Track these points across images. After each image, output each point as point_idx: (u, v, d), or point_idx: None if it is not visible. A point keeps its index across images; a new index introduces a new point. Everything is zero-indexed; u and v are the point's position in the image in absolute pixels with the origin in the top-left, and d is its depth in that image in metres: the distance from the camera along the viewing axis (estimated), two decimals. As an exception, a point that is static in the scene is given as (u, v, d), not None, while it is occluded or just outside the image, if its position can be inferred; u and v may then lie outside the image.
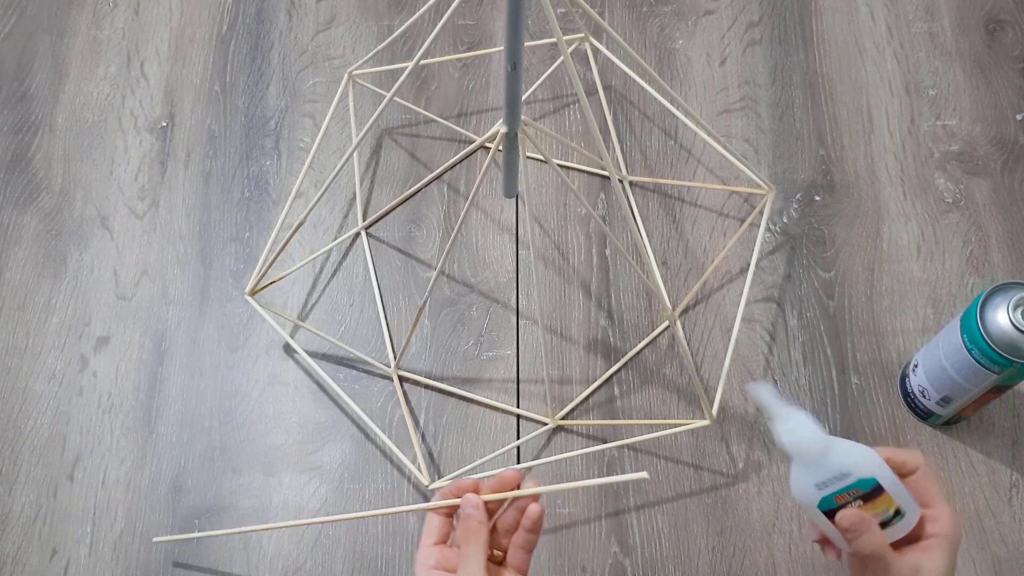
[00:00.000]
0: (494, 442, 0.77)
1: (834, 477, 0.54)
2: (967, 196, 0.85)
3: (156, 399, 0.79)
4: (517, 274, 0.83)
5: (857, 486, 0.54)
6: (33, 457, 0.77)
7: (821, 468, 0.54)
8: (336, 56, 0.94)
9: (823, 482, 0.54)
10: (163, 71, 0.93)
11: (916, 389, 0.74)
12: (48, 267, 0.85)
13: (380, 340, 0.81)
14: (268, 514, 0.75)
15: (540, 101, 0.91)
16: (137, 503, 0.76)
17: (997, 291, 0.66)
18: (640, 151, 0.88)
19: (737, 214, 0.85)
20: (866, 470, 0.54)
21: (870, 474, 0.54)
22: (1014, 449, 0.75)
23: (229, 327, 0.82)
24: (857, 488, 0.54)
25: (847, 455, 0.54)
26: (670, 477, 0.75)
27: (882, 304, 0.81)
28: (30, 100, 0.92)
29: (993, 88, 0.90)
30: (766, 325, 0.80)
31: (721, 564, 0.72)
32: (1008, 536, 0.72)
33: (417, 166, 0.88)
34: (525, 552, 0.57)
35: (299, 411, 0.79)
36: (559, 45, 0.54)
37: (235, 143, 0.90)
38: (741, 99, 0.90)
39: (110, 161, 0.89)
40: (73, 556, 0.74)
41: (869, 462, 0.54)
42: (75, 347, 0.81)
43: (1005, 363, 0.65)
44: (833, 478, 0.54)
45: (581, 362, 0.80)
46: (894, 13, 0.94)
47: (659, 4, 0.95)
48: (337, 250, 0.85)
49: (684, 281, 0.83)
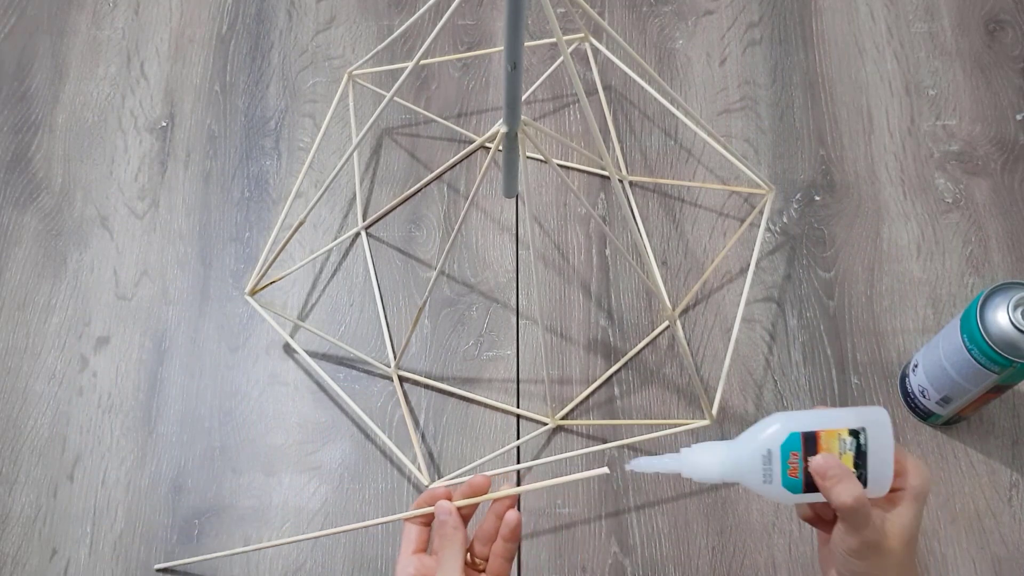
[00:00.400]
0: (494, 442, 0.77)
1: (763, 461, 0.54)
2: (967, 196, 0.85)
3: (156, 399, 0.79)
4: (517, 274, 0.83)
5: (789, 451, 0.54)
6: (33, 457, 0.77)
7: (751, 464, 0.54)
8: (336, 56, 0.94)
9: (763, 472, 0.54)
10: (163, 71, 0.93)
11: (916, 389, 0.74)
12: (48, 267, 0.85)
13: (380, 340, 0.81)
14: (268, 514, 0.75)
15: (540, 101, 0.91)
16: (137, 503, 0.76)
17: (997, 291, 0.66)
18: (640, 151, 0.88)
19: (737, 214, 0.85)
20: (776, 436, 0.54)
21: (786, 434, 0.54)
22: (1014, 449, 0.75)
23: (229, 327, 0.82)
24: (793, 453, 0.54)
25: (753, 437, 0.55)
26: (670, 477, 0.75)
27: (882, 304, 0.81)
28: (30, 100, 0.92)
29: (993, 88, 0.90)
30: (766, 325, 0.80)
31: (721, 564, 0.72)
32: (1008, 536, 0.72)
33: (417, 166, 0.88)
34: (505, 561, 0.57)
35: (299, 411, 0.79)
36: (559, 45, 0.54)
37: (235, 143, 0.90)
38: (741, 99, 0.90)
39: (110, 161, 0.89)
40: (73, 556, 0.74)
41: (776, 427, 0.54)
42: (75, 347, 0.81)
43: (1005, 363, 0.65)
44: (763, 463, 0.54)
45: (581, 362, 0.80)
46: (894, 13, 0.94)
47: (659, 4, 0.95)
48: (337, 250, 0.85)
49: (684, 281, 0.83)
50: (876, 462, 0.54)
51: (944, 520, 0.73)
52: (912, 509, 0.54)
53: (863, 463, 0.54)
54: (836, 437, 0.54)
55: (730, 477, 0.55)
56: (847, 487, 0.52)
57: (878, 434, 0.54)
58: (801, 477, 0.54)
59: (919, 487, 0.54)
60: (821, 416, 0.55)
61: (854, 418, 0.54)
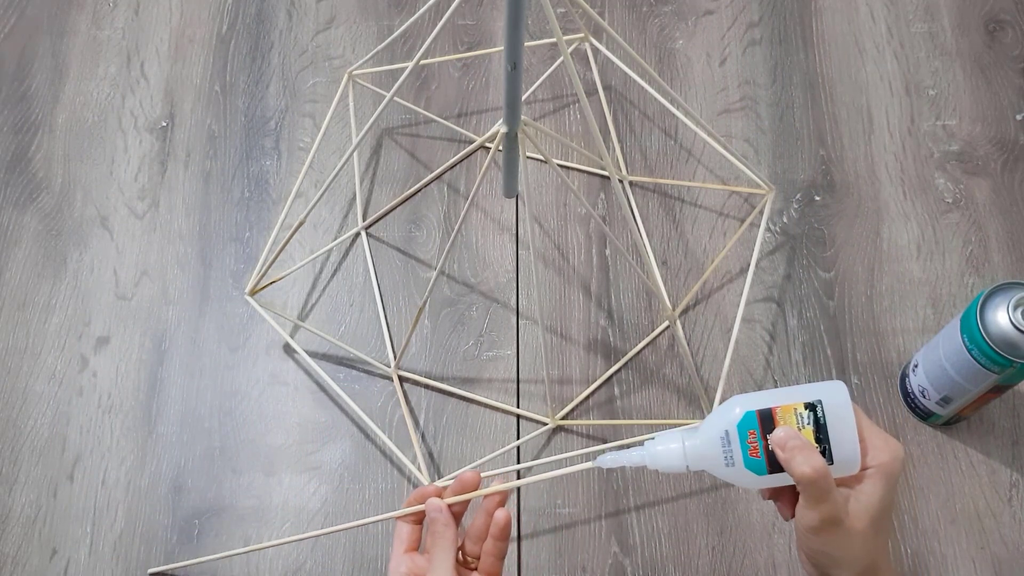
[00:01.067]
0: (494, 442, 0.77)
1: (723, 443, 0.53)
2: (967, 196, 0.85)
3: (156, 399, 0.79)
4: (517, 274, 0.83)
5: (747, 430, 0.53)
6: (33, 457, 0.77)
7: (712, 448, 0.54)
8: (336, 56, 0.94)
9: (724, 455, 0.54)
10: (163, 71, 0.93)
11: (916, 389, 0.74)
12: (48, 267, 0.85)
13: (380, 340, 0.81)
14: (268, 514, 0.75)
15: (540, 101, 0.91)
16: (137, 503, 0.76)
17: (997, 291, 0.66)
18: (640, 151, 0.88)
19: (737, 214, 0.85)
20: (733, 416, 0.53)
21: (742, 414, 0.53)
22: (1014, 449, 0.75)
23: (229, 327, 0.82)
24: (751, 432, 0.53)
25: (712, 423, 0.54)
26: (670, 477, 0.75)
27: (882, 304, 0.81)
28: (30, 100, 0.92)
29: (993, 88, 0.90)
30: (766, 325, 0.80)
31: (721, 564, 0.72)
32: (1008, 536, 0.72)
33: (417, 166, 0.88)
34: (497, 559, 0.57)
35: (299, 411, 0.79)
36: (559, 45, 0.54)
37: (235, 143, 0.90)
38: (741, 99, 0.90)
39: (110, 161, 0.89)
40: (73, 556, 0.74)
41: (730, 408, 0.54)
42: (75, 347, 0.81)
43: (1005, 363, 0.65)
44: (723, 445, 0.53)
45: (581, 362, 0.80)
46: (894, 13, 0.94)
47: (659, 4, 0.95)
48: (337, 250, 0.85)
49: (684, 281, 0.83)
50: (838, 436, 0.52)
51: (944, 520, 0.73)
52: (878, 486, 0.52)
53: (824, 437, 0.52)
54: (792, 412, 0.53)
55: (695, 465, 0.54)
56: (806, 457, 0.51)
57: (836, 406, 0.53)
58: (763, 457, 0.53)
59: (887, 464, 0.53)
60: (777, 394, 0.54)
61: (810, 392, 0.53)
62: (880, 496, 0.52)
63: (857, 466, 0.53)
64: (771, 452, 0.53)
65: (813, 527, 0.52)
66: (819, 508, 0.51)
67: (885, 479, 0.52)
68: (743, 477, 0.54)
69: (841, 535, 0.52)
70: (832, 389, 0.53)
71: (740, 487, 0.55)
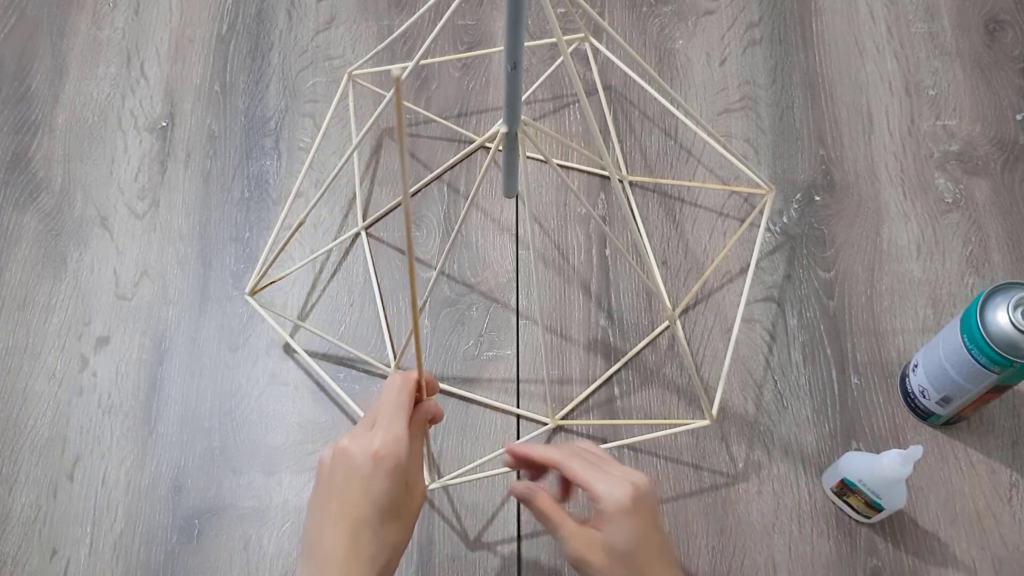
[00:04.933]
0: (494, 442, 0.77)
1: None
2: (967, 196, 0.85)
3: (156, 399, 0.79)
4: (517, 274, 0.83)
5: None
6: (33, 457, 0.77)
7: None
8: (336, 56, 0.94)
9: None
10: (163, 71, 0.93)
11: (916, 389, 0.74)
12: (48, 267, 0.85)
13: (380, 340, 0.81)
14: (268, 514, 0.75)
15: (540, 101, 0.91)
16: (137, 503, 0.76)
17: (997, 291, 0.66)
18: (640, 151, 0.88)
19: (737, 214, 0.85)
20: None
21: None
22: (1014, 449, 0.75)
23: (229, 327, 0.82)
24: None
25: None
26: (670, 477, 0.75)
27: (882, 304, 0.81)
28: (30, 100, 0.92)
29: (993, 88, 0.90)
30: (766, 325, 0.80)
31: (721, 564, 0.72)
32: (1008, 536, 0.72)
33: (417, 166, 0.88)
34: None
35: (299, 411, 0.79)
36: (559, 45, 0.54)
37: (235, 143, 0.90)
38: (741, 99, 0.90)
39: (110, 161, 0.89)
40: (73, 556, 0.74)
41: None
42: (75, 347, 0.81)
43: (1005, 363, 0.65)
44: None
45: (581, 362, 0.80)
46: (894, 13, 0.94)
47: (659, 4, 0.95)
48: (337, 250, 0.85)
49: (684, 281, 0.83)
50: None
51: (944, 520, 0.73)
52: (612, 527, 0.57)
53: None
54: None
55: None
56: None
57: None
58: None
59: (611, 506, 0.57)
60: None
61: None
62: (618, 535, 0.57)
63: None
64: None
65: (570, 562, 0.60)
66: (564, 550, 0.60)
67: (615, 517, 0.57)
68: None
69: (593, 572, 0.58)
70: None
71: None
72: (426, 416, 0.61)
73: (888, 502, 0.68)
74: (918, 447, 0.63)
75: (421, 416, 0.60)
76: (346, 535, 0.54)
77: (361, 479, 0.55)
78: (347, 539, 0.54)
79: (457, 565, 0.73)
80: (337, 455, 0.56)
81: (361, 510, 0.55)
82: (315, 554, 0.55)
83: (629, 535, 0.57)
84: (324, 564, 0.55)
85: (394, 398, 0.58)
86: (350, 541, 0.54)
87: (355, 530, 0.55)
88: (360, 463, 0.55)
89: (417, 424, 0.59)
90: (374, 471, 0.55)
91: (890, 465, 0.64)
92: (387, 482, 0.55)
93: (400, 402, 0.58)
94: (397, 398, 0.58)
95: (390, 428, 0.56)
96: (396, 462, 0.55)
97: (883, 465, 0.65)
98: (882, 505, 0.68)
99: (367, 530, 0.55)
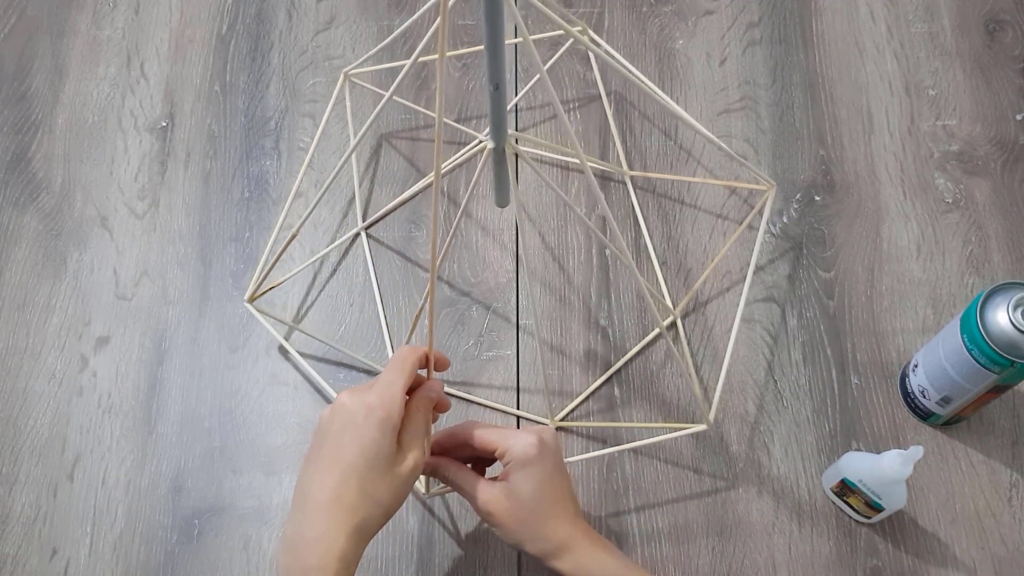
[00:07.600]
0: (494, 442, 0.77)
1: None
2: (967, 196, 0.85)
3: (156, 399, 0.79)
4: (517, 275, 0.83)
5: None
6: (33, 457, 0.77)
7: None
8: (336, 56, 0.94)
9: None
10: (163, 71, 0.93)
11: (916, 389, 0.74)
12: (48, 267, 0.85)
13: (380, 340, 0.81)
14: (268, 514, 0.75)
15: (541, 105, 0.91)
16: (137, 503, 0.76)
17: (997, 291, 0.66)
18: (640, 152, 0.88)
19: (737, 215, 0.85)
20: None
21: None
22: (1014, 449, 0.75)
23: (229, 327, 0.82)
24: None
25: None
26: (670, 477, 0.75)
27: (882, 304, 0.81)
28: (30, 100, 0.92)
29: (993, 88, 0.90)
30: (766, 325, 0.80)
31: (721, 564, 0.72)
32: (1008, 536, 0.72)
33: (417, 166, 0.88)
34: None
35: (299, 411, 0.79)
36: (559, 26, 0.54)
37: (235, 143, 0.90)
38: (741, 99, 0.90)
39: (110, 161, 0.89)
40: (73, 556, 0.74)
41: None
42: (75, 347, 0.81)
43: (1005, 363, 0.65)
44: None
45: (581, 362, 0.80)
46: (894, 13, 0.94)
47: (659, 4, 0.95)
48: (337, 250, 0.85)
49: (684, 281, 0.83)
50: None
51: (944, 520, 0.73)
52: (518, 477, 0.61)
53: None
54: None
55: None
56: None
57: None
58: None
59: (517, 455, 0.61)
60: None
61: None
62: (522, 481, 0.61)
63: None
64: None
65: (480, 516, 0.63)
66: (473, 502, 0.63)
67: (520, 465, 0.61)
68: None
69: (502, 522, 0.61)
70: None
71: None
72: (430, 393, 0.62)
73: (888, 502, 0.68)
74: (918, 447, 0.63)
75: (425, 392, 0.62)
76: (333, 481, 0.57)
77: (354, 427, 0.58)
78: (333, 485, 0.57)
79: (457, 565, 0.73)
80: (335, 408, 0.59)
81: (349, 456, 0.57)
82: (302, 500, 0.58)
83: (533, 480, 0.61)
84: (308, 508, 0.57)
85: (398, 364, 0.60)
86: (335, 486, 0.57)
87: (343, 476, 0.57)
88: (353, 413, 0.58)
89: (421, 399, 0.61)
90: (365, 420, 0.57)
91: (890, 465, 0.64)
92: (376, 432, 0.57)
93: (403, 368, 0.60)
94: (401, 364, 0.60)
95: (387, 386, 0.59)
96: (386, 414, 0.57)
97: (883, 465, 0.65)
98: (882, 505, 0.68)
99: (353, 476, 0.57)
